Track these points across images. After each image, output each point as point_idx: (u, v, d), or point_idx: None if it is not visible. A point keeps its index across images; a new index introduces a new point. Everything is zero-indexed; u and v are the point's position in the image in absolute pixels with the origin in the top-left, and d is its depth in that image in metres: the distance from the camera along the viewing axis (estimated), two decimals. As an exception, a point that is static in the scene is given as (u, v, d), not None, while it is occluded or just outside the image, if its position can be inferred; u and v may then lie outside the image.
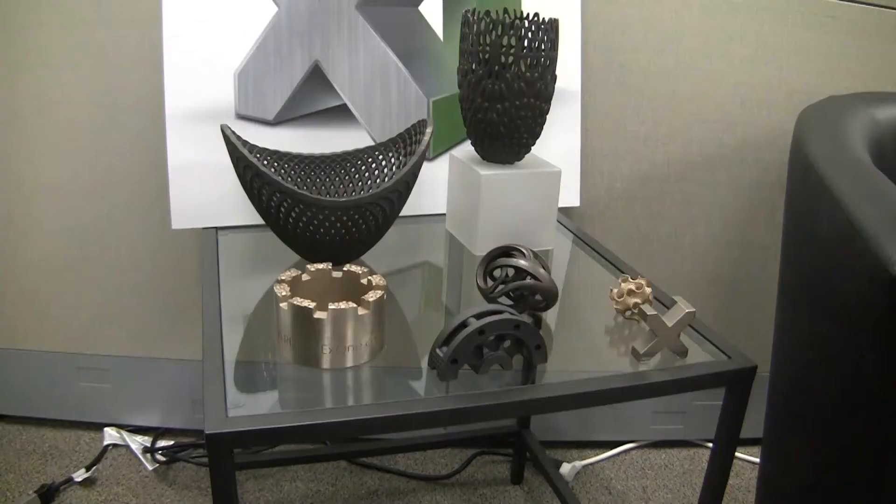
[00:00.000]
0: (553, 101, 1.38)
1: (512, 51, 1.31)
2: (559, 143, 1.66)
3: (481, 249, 1.37)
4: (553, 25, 1.32)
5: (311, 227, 1.21)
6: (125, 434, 1.93)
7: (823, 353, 1.24)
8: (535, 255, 1.18)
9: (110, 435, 1.93)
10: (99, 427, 1.97)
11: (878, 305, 1.06)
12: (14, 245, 1.80)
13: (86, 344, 1.90)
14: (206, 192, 1.49)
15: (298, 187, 1.39)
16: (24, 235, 1.79)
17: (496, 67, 1.31)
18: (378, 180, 1.44)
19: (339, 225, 1.21)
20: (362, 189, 1.44)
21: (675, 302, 1.09)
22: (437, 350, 0.99)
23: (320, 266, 1.11)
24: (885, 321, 1.06)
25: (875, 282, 1.05)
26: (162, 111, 1.47)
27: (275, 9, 1.50)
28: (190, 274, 1.83)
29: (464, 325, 0.98)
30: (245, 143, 1.33)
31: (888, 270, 1.02)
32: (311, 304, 0.99)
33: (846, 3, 1.84)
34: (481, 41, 1.32)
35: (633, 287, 1.18)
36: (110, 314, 1.87)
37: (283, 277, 1.06)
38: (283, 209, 1.20)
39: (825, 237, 1.25)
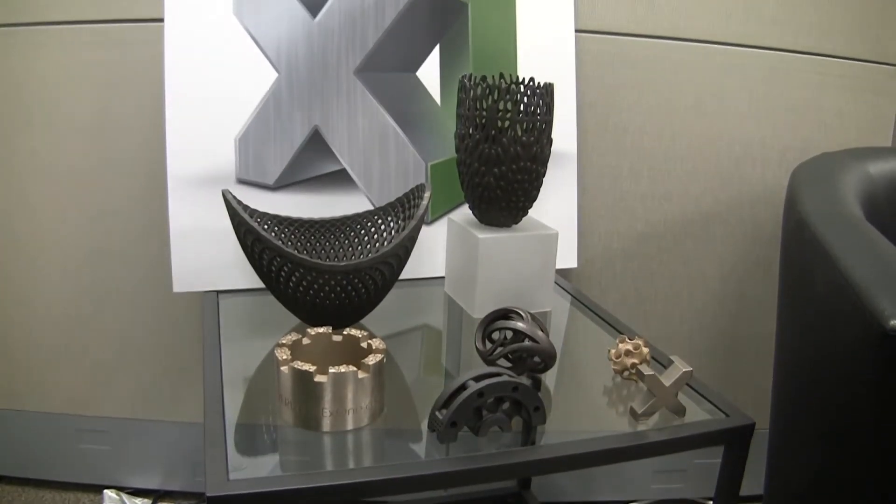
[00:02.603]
0: (549, 164, 1.40)
1: (508, 115, 1.33)
2: (556, 204, 1.68)
3: (480, 312, 1.38)
4: (548, 90, 1.34)
5: (311, 291, 1.22)
6: (125, 496, 1.92)
7: (821, 408, 1.24)
8: (533, 317, 1.19)
9: (110, 497, 1.92)
10: (99, 489, 1.96)
11: (874, 359, 1.07)
12: (14, 306, 1.81)
13: (86, 406, 1.90)
14: (207, 256, 1.50)
15: (298, 251, 1.41)
16: (24, 296, 1.80)
17: (493, 132, 1.32)
18: (377, 244, 1.45)
19: (338, 289, 1.22)
20: (362, 253, 1.45)
21: (672, 361, 1.10)
22: (437, 412, 0.99)
23: (320, 330, 1.11)
24: (880, 375, 1.07)
25: (870, 336, 1.06)
26: (164, 174, 1.49)
27: (275, 75, 1.53)
28: (190, 337, 1.84)
29: (463, 387, 0.99)
30: (246, 207, 1.34)
31: (882, 324, 1.03)
32: (312, 368, 0.99)
33: (837, 59, 1.87)
34: (478, 106, 1.34)
35: (630, 347, 1.19)
36: (111, 376, 1.87)
37: (283, 341, 1.07)
38: (283, 273, 1.22)
39: (820, 292, 1.26)
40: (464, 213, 1.50)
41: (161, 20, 1.49)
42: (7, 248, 1.76)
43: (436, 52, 1.61)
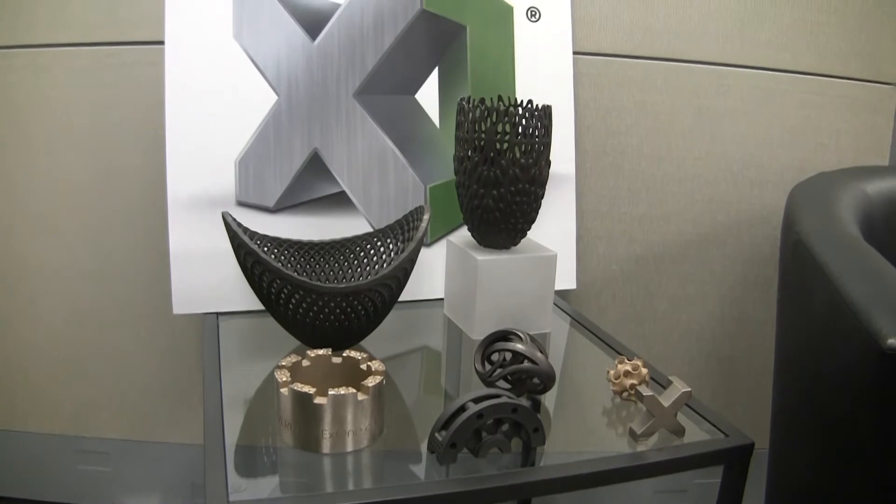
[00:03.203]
0: (548, 186, 1.40)
1: (507, 138, 1.33)
2: (555, 226, 1.68)
3: (479, 333, 1.38)
4: (546, 112, 1.35)
5: (310, 313, 1.23)
6: (125, 519, 1.93)
7: (821, 427, 1.24)
8: (532, 338, 1.19)
9: (109, 519, 1.92)
10: (98, 511, 1.96)
11: (872, 378, 1.07)
12: (14, 327, 1.81)
13: (85, 427, 1.89)
14: (207, 278, 1.51)
15: (298, 274, 1.41)
16: (24, 318, 1.80)
17: (491, 154, 1.33)
18: (377, 266, 1.46)
19: (338, 311, 1.22)
20: (361, 275, 1.46)
21: (671, 382, 1.10)
22: (436, 434, 0.99)
23: (320, 352, 1.12)
24: (879, 393, 1.07)
25: (868, 355, 1.06)
26: (164, 196, 1.49)
27: (275, 97, 1.54)
28: (190, 358, 1.84)
29: (462, 409, 0.99)
30: (246, 230, 1.35)
31: (880, 343, 1.03)
32: (312, 390, 1.00)
33: (833, 79, 1.88)
34: (476, 128, 1.34)
35: (629, 368, 1.19)
36: (110, 397, 1.87)
37: (283, 363, 1.08)
38: (283, 295, 1.22)
39: (818, 312, 1.26)
40: (463, 235, 1.51)
41: (161, 43, 1.50)
42: (7, 269, 1.76)
43: (434, 74, 1.63)
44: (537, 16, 1.68)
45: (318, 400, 0.99)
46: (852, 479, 1.15)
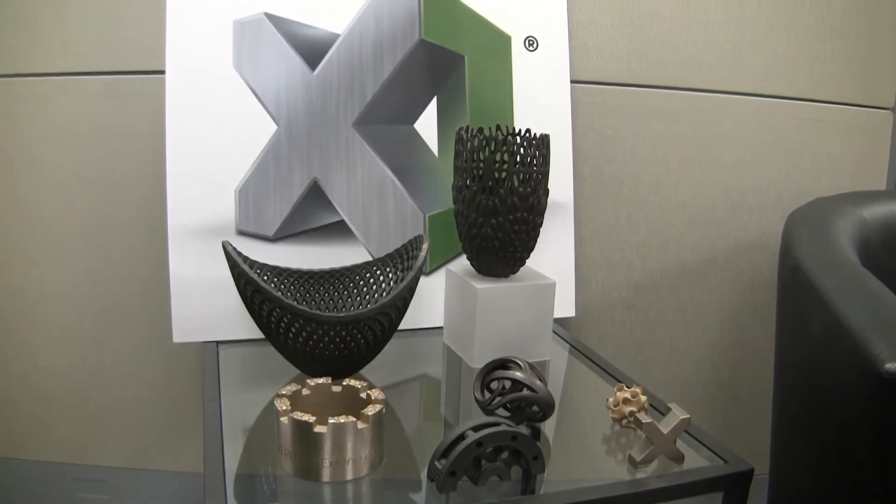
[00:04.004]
0: (546, 214, 1.41)
1: (505, 167, 1.34)
2: (553, 254, 1.69)
3: (479, 362, 1.38)
4: (544, 141, 1.36)
5: (310, 342, 1.23)
6: (124, 549, 1.92)
7: (820, 452, 1.25)
8: (532, 366, 1.19)
9: (109, 549, 1.91)
10: (97, 540, 1.96)
11: (871, 403, 1.07)
12: (14, 355, 1.81)
13: (84, 455, 1.89)
14: (207, 307, 1.51)
15: (298, 303, 1.41)
16: (24, 346, 1.80)
17: (490, 183, 1.34)
18: (376, 295, 1.46)
19: (338, 340, 1.23)
20: (361, 304, 1.46)
21: (669, 409, 1.11)
22: (436, 462, 1.00)
23: (320, 380, 1.12)
24: (878, 418, 1.07)
25: (866, 379, 1.06)
26: (164, 225, 1.50)
27: (275, 127, 1.55)
28: (190, 386, 1.84)
29: (462, 437, 0.99)
30: (245, 258, 1.35)
31: (878, 368, 1.03)
32: (312, 419, 1.00)
33: (830, 104, 1.89)
34: (475, 157, 1.35)
35: (628, 396, 1.19)
36: (110, 425, 1.87)
37: (283, 392, 1.08)
38: (283, 324, 1.22)
39: (816, 337, 1.26)
40: (462, 263, 1.51)
41: (162, 72, 1.51)
42: (8, 297, 1.77)
43: (433, 104, 1.64)
44: (535, 45, 1.69)
45: (318, 428, 1.00)
46: (854, 503, 1.15)
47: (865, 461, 1.11)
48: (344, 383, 1.12)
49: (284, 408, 1.03)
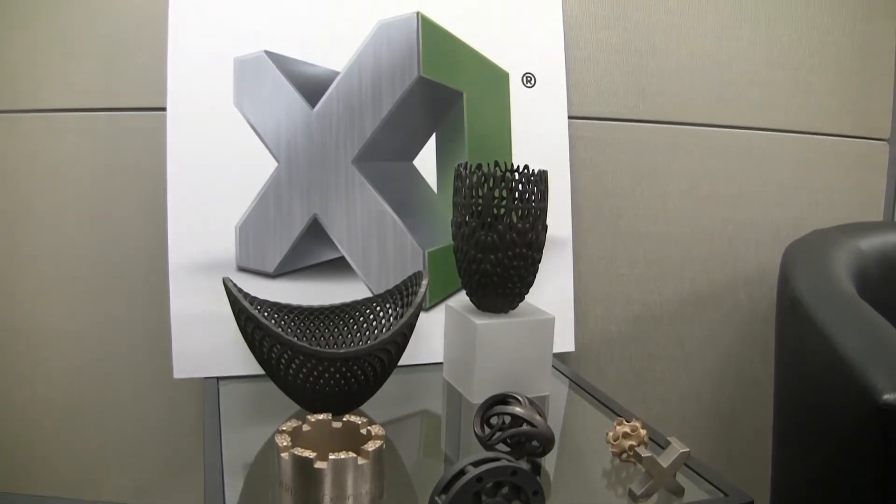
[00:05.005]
0: (545, 249, 1.42)
1: (504, 203, 1.35)
2: (552, 289, 1.69)
3: (478, 397, 1.38)
4: (542, 177, 1.37)
5: (310, 378, 1.23)
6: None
7: (821, 483, 1.25)
8: (531, 401, 1.20)
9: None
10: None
11: (870, 433, 1.08)
12: (14, 390, 1.80)
13: (85, 490, 1.87)
14: (207, 343, 1.51)
15: (298, 339, 1.42)
16: (24, 381, 1.79)
17: (489, 219, 1.35)
18: (376, 331, 1.46)
19: (338, 376, 1.23)
20: (361, 340, 1.47)
21: (669, 442, 1.11)
22: (437, 498, 0.99)
23: (320, 416, 1.12)
24: (877, 448, 1.07)
25: (864, 409, 1.07)
26: (165, 261, 1.51)
27: (275, 164, 1.56)
28: (191, 422, 1.83)
29: (462, 472, 0.99)
30: (246, 295, 1.36)
31: (875, 398, 1.04)
32: (312, 455, 1.00)
33: (826, 136, 1.90)
34: (474, 194, 1.36)
35: (627, 430, 1.20)
36: (110, 461, 1.86)
37: (283, 428, 1.08)
38: (283, 360, 1.23)
39: (814, 369, 1.27)
40: (461, 299, 1.51)
41: (163, 109, 1.52)
42: (9, 333, 1.77)
43: (432, 140, 1.65)
44: (533, 82, 1.71)
45: (319, 464, 1.00)
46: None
47: (866, 491, 1.11)
48: (344, 419, 1.12)
49: (285, 444, 1.03)
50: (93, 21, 1.65)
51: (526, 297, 1.45)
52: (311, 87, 1.58)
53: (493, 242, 1.35)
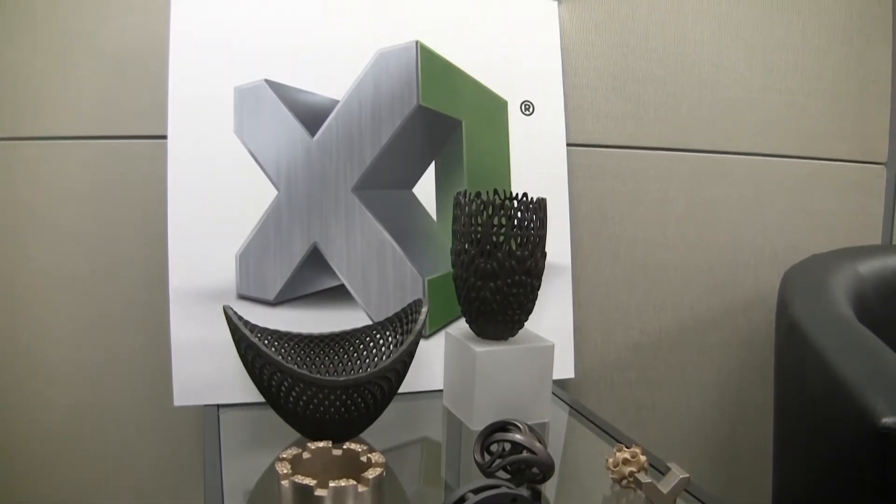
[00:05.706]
0: (544, 276, 1.42)
1: (503, 230, 1.36)
2: (552, 316, 1.70)
3: (478, 424, 1.38)
4: (541, 204, 1.38)
5: (310, 406, 1.23)
6: None
7: (822, 506, 1.25)
8: (531, 428, 1.20)
9: None
10: None
11: (869, 456, 1.08)
12: (14, 416, 1.80)
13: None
14: (207, 370, 1.51)
15: (298, 366, 1.42)
16: (23, 407, 1.79)
17: (488, 247, 1.35)
18: (376, 359, 1.47)
19: (338, 403, 1.23)
20: (361, 368, 1.47)
21: (669, 468, 1.11)
22: (437, 525, 1.00)
23: (321, 444, 1.12)
24: (877, 471, 1.08)
25: (863, 432, 1.07)
26: (165, 289, 1.51)
27: (275, 192, 1.56)
28: (191, 450, 1.83)
29: (462, 499, 0.99)
30: (246, 323, 1.36)
31: (874, 422, 1.04)
32: (312, 482, 1.00)
33: (824, 161, 1.91)
34: (473, 222, 1.37)
35: (627, 456, 1.20)
36: (109, 488, 1.85)
37: (284, 455, 1.08)
38: (283, 388, 1.23)
39: (813, 393, 1.27)
40: (461, 326, 1.52)
41: (164, 137, 1.53)
42: (10, 359, 1.77)
43: (431, 169, 1.66)
44: (531, 109, 1.72)
45: (319, 492, 1.00)
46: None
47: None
48: (345, 447, 1.12)
49: (285, 471, 1.03)
50: (94, 50, 1.66)
51: (525, 324, 1.45)
52: (311, 115, 1.59)
53: (493, 270, 1.35)
